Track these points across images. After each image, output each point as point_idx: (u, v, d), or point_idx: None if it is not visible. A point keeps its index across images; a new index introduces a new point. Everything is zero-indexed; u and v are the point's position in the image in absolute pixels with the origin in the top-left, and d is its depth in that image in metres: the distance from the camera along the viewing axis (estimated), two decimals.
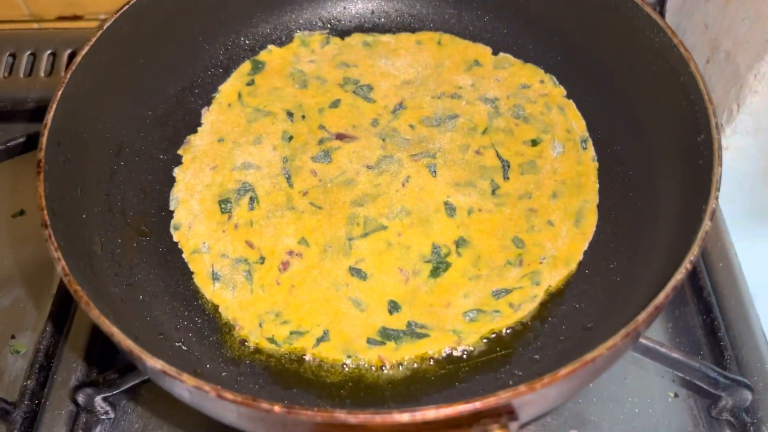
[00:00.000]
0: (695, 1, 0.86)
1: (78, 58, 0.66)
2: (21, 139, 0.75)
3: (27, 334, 0.72)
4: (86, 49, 0.67)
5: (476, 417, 0.45)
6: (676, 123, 0.63)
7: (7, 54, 0.96)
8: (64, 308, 0.72)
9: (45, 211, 0.55)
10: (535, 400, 0.47)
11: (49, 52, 0.96)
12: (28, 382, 0.68)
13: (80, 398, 0.64)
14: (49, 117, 0.61)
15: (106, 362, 0.70)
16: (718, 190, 0.54)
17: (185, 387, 0.45)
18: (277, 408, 0.43)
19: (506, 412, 0.46)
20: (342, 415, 0.43)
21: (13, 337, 0.72)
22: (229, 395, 0.44)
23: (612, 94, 0.74)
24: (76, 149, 0.65)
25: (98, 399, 0.64)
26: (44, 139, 0.60)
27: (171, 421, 0.66)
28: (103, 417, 0.67)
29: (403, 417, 0.44)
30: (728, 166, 0.77)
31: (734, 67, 0.77)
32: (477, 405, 0.44)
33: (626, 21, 0.69)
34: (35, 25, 0.99)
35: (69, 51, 0.95)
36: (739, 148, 0.80)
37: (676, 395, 0.66)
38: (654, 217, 0.64)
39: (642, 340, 0.60)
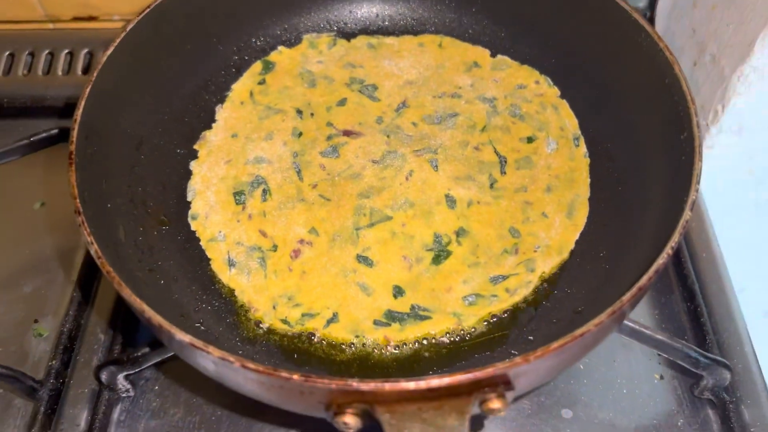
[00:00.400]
0: (683, 7, 0.90)
1: (104, 58, 0.70)
2: (42, 135, 0.79)
3: (49, 319, 0.76)
4: (111, 49, 0.71)
5: (476, 386, 0.49)
6: (662, 122, 0.67)
7: (26, 53, 0.99)
8: (86, 292, 0.76)
9: (77, 200, 0.59)
10: (529, 372, 0.51)
11: (66, 51, 0.99)
12: (53, 362, 0.72)
13: (104, 376, 0.67)
14: (79, 113, 0.65)
15: (126, 343, 0.73)
16: (698, 183, 0.58)
17: (211, 358, 0.49)
18: (295, 377, 0.47)
19: (503, 383, 0.50)
20: (354, 384, 0.47)
21: (36, 321, 0.76)
22: (251, 365, 0.48)
23: (603, 94, 0.78)
24: (101, 143, 0.69)
25: (120, 377, 0.68)
26: (75, 133, 0.63)
27: (187, 400, 0.70)
28: (123, 395, 0.70)
29: (410, 385, 0.47)
30: (714, 163, 0.84)
31: (719, 69, 0.80)
32: (477, 374, 0.48)
33: (616, 26, 0.73)
34: (51, 26, 1.02)
35: (85, 51, 0.98)
36: (724, 146, 0.84)
37: (661, 377, 0.70)
38: (641, 209, 0.68)
39: (629, 324, 0.64)
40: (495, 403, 0.49)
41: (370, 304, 0.68)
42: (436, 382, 0.48)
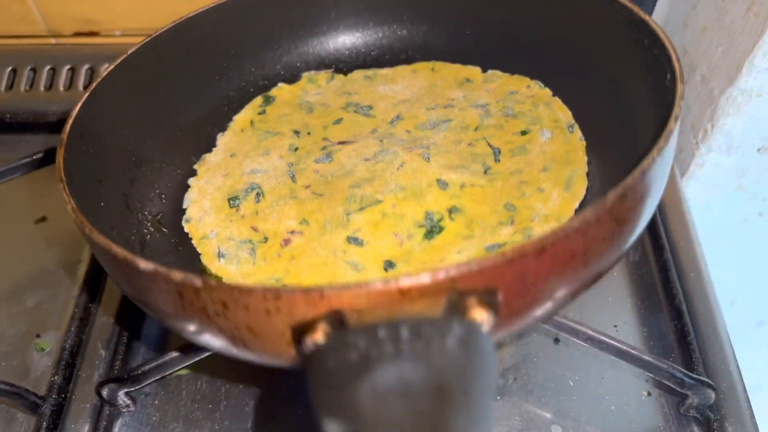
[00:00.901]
0: (674, 27, 0.92)
1: (105, 73, 0.71)
2: (42, 154, 0.80)
3: (51, 333, 0.75)
4: (112, 67, 0.73)
5: (453, 286, 0.44)
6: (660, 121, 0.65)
7: (28, 68, 1.01)
8: (87, 307, 0.76)
9: (64, 183, 0.58)
10: (510, 275, 0.45)
11: (68, 67, 1.01)
12: (55, 378, 0.70)
13: (105, 392, 0.67)
14: (76, 109, 0.66)
15: (128, 360, 0.73)
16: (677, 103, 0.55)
17: (172, 285, 0.47)
18: (259, 288, 0.43)
19: (485, 291, 0.45)
20: (325, 290, 0.43)
21: (38, 336, 0.74)
22: (214, 283, 0.45)
23: (596, 89, 0.75)
24: (97, 147, 0.69)
25: (121, 393, 0.68)
26: (69, 123, 0.64)
27: (187, 414, 0.69)
28: (124, 410, 0.69)
29: (378, 285, 0.43)
30: (704, 181, 0.88)
31: (709, 89, 0.82)
32: (452, 272, 0.43)
33: (611, 26, 0.72)
34: (53, 41, 1.03)
35: (87, 66, 1.00)
36: (713, 164, 0.86)
37: (649, 394, 0.69)
38: None
39: (616, 344, 0.65)
40: (477, 311, 0.44)
41: (360, 278, 0.64)
42: (407, 281, 0.43)
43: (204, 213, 0.74)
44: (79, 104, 0.66)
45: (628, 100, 0.71)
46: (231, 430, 0.67)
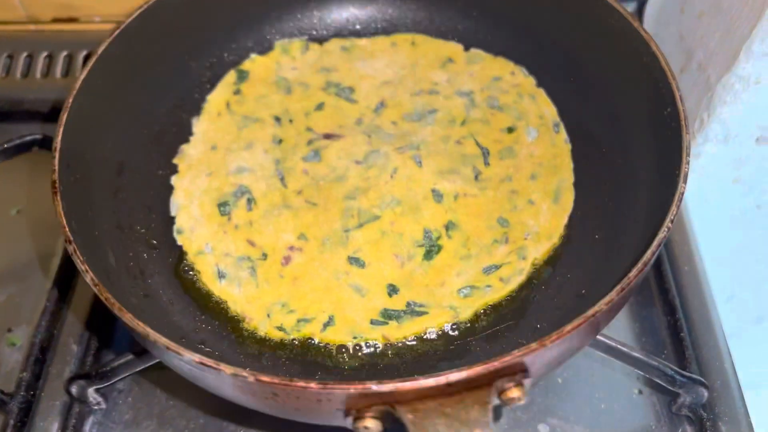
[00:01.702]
0: (671, 12, 0.86)
1: (77, 83, 0.65)
2: (17, 141, 0.74)
3: (23, 328, 0.72)
4: (84, 73, 0.66)
5: (494, 375, 0.46)
6: (643, 100, 0.65)
7: (5, 55, 0.93)
8: (60, 301, 0.72)
9: (67, 229, 0.55)
10: (544, 357, 0.48)
11: (45, 54, 0.93)
12: (24, 374, 0.68)
13: (74, 389, 0.64)
14: (58, 140, 0.61)
15: (99, 354, 0.70)
16: (688, 155, 0.56)
17: (223, 376, 0.46)
18: (313, 385, 0.44)
19: (520, 371, 0.47)
20: (373, 386, 0.44)
21: (9, 330, 0.72)
22: (266, 378, 0.45)
23: (580, 79, 0.76)
24: (82, 170, 0.64)
25: (91, 390, 0.65)
26: (56, 161, 0.59)
27: (161, 412, 0.67)
28: (95, 407, 0.67)
29: (429, 381, 0.44)
30: (700, 172, 0.82)
31: (705, 77, 0.77)
32: (494, 364, 0.45)
33: (588, 10, 0.71)
34: (32, 27, 0.96)
35: (65, 53, 0.93)
36: (710, 155, 0.81)
37: (640, 392, 0.67)
38: (631, 189, 0.66)
39: (606, 340, 0.62)
40: (514, 392, 0.47)
41: (365, 304, 0.65)
42: (455, 376, 0.45)
43: (195, 222, 0.70)
44: (60, 133, 0.61)
45: (617, 103, 0.72)
46: (207, 429, 0.65)
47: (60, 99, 0.64)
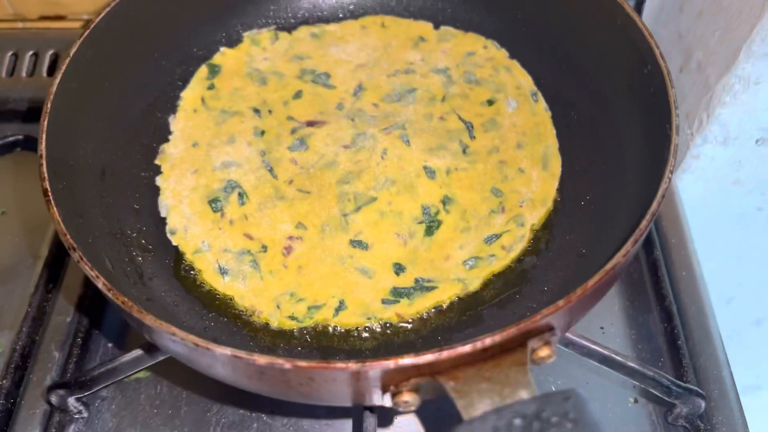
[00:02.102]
0: (671, 11, 0.84)
1: (53, 87, 0.63)
2: (1, 141, 0.73)
3: (4, 334, 0.69)
4: (59, 76, 0.64)
5: (526, 336, 0.46)
6: (621, 62, 0.67)
7: None
8: (41, 306, 0.70)
9: (68, 236, 0.53)
10: (569, 313, 0.49)
11: (31, 52, 0.90)
12: (4, 382, 0.66)
13: (53, 399, 0.63)
14: (42, 147, 0.58)
15: (82, 362, 0.68)
16: (677, 108, 0.58)
17: (257, 366, 0.45)
18: (351, 364, 0.43)
19: (548, 329, 0.48)
20: (411, 359, 0.44)
21: None
22: (303, 363, 0.44)
23: (553, 47, 0.77)
24: (68, 177, 0.62)
25: (71, 399, 0.63)
26: (44, 169, 0.57)
27: (145, 420, 0.65)
28: (76, 416, 0.65)
29: (466, 348, 0.45)
30: (698, 174, 0.80)
31: (704, 77, 0.75)
32: (527, 324, 0.46)
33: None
34: (20, 25, 0.94)
35: (51, 52, 0.90)
36: (709, 157, 0.79)
37: (635, 401, 0.65)
38: (618, 148, 0.67)
39: (600, 350, 0.61)
40: (545, 351, 0.47)
41: (374, 285, 0.65)
42: (489, 340, 0.45)
43: (187, 221, 0.69)
44: (44, 139, 0.58)
45: (593, 70, 0.73)
46: None
47: (42, 98, 0.61)
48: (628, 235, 0.51)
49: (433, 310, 0.64)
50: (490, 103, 0.77)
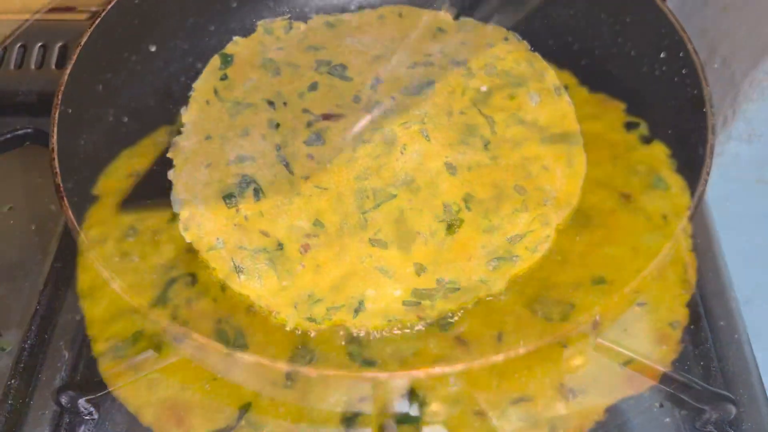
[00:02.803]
0: (695, 5, 0.82)
1: (64, 77, 0.61)
2: (8, 135, 0.71)
3: (13, 332, 0.67)
4: (70, 67, 0.62)
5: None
6: (650, 58, 0.64)
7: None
8: (52, 304, 0.68)
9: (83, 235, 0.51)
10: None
11: (39, 44, 0.88)
12: (13, 382, 0.63)
13: (63, 400, 0.61)
14: (54, 141, 0.57)
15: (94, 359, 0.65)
16: (708, 85, 0.55)
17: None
18: (385, 374, 0.41)
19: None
20: (445, 368, 0.42)
21: None
22: (330, 371, 0.41)
23: (575, 41, 0.75)
24: (79, 171, 0.60)
25: (82, 401, 0.61)
26: (56, 164, 0.55)
27: None
28: (87, 417, 0.63)
29: (498, 358, 0.42)
30: (721, 173, 0.72)
31: (730, 73, 0.73)
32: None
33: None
34: (28, 16, 0.92)
35: (60, 44, 0.88)
36: (733, 154, 0.77)
37: (662, 405, 0.62)
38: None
39: (627, 352, 0.59)
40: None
41: (394, 285, 0.63)
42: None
43: (201, 217, 0.66)
44: (55, 132, 0.55)
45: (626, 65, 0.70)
46: None
47: (51, 91, 0.58)
48: None
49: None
50: (512, 97, 0.75)
